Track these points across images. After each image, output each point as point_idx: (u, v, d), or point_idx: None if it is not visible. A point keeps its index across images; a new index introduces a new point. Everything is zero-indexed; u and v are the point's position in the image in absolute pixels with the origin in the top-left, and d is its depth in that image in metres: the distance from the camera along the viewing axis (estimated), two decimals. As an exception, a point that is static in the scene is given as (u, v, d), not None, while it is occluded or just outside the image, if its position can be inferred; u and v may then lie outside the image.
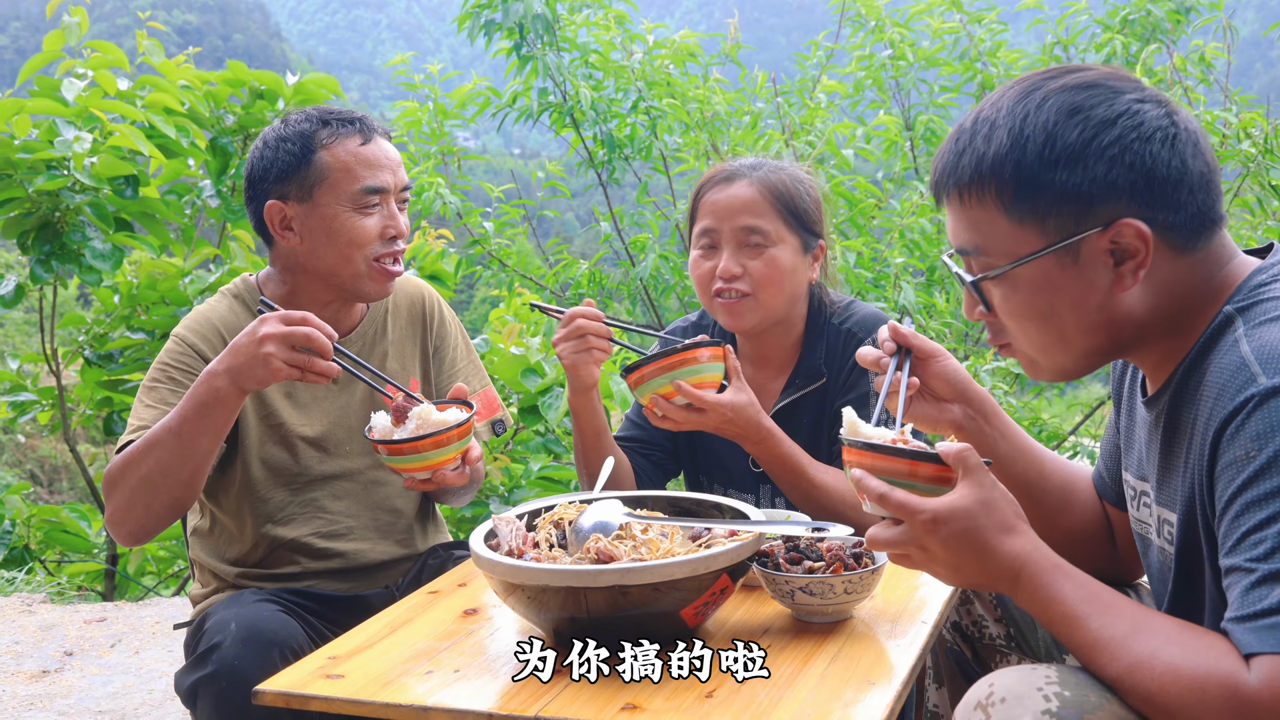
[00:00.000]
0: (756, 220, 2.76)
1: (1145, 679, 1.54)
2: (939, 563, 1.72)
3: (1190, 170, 1.70)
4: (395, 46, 31.83)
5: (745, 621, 2.11)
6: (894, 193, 7.02)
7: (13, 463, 15.25)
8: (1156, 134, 1.69)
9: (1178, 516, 1.77)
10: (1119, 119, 1.68)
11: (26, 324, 16.26)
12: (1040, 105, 1.71)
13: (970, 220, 1.78)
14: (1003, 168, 1.72)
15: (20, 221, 5.37)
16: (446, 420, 2.43)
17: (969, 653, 2.32)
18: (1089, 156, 1.68)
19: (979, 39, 7.16)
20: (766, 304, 2.77)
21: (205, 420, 2.42)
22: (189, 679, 2.33)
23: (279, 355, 2.34)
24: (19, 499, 6.27)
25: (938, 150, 1.84)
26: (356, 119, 2.75)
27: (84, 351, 5.93)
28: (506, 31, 6.57)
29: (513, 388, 5.48)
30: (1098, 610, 1.63)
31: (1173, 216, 1.69)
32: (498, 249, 6.79)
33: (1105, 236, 1.69)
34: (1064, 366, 1.84)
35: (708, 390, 2.51)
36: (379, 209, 2.72)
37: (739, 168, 2.83)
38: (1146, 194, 1.68)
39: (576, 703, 1.78)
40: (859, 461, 1.79)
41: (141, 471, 2.46)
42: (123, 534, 2.55)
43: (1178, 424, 1.77)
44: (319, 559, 2.76)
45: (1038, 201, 1.70)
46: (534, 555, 2.06)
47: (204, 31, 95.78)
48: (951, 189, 1.79)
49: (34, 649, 5.05)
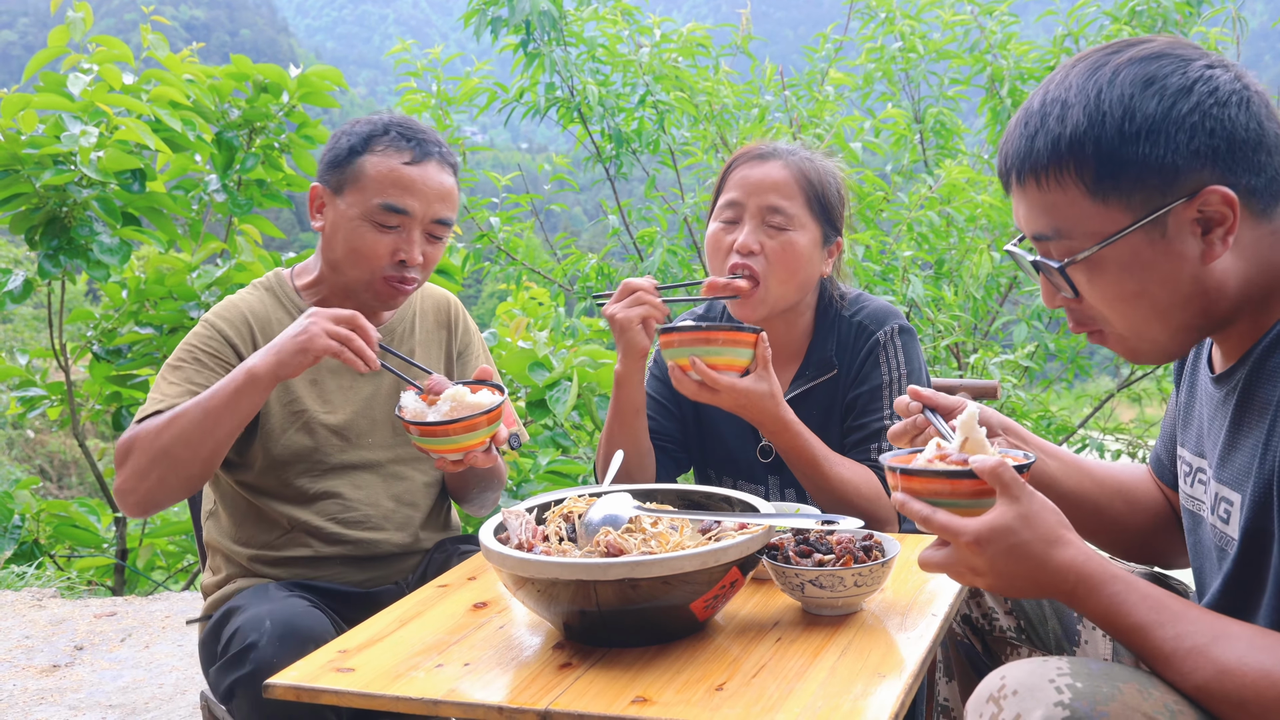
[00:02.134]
0: (782, 201, 2.75)
1: (1237, 685, 1.54)
2: (992, 580, 1.73)
3: (1266, 131, 1.68)
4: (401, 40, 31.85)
5: (755, 614, 2.11)
6: (902, 186, 7.01)
7: (22, 458, 15.30)
8: (1232, 98, 1.66)
9: (1245, 497, 1.75)
10: (1194, 86, 1.66)
11: (35, 319, 16.30)
12: (1113, 80, 1.68)
13: (1049, 204, 1.74)
14: (1083, 146, 1.68)
15: (28, 217, 5.38)
16: (481, 403, 2.46)
17: (979, 645, 2.32)
18: (1170, 126, 1.65)
19: (990, 31, 7.15)
20: (775, 289, 2.75)
21: (233, 400, 2.47)
22: (226, 678, 2.33)
23: (321, 325, 2.43)
24: (28, 494, 6.28)
25: (1005, 135, 1.80)
26: (417, 137, 2.72)
27: (92, 346, 5.95)
28: (513, 28, 6.56)
29: (521, 382, 5.48)
30: (1169, 619, 1.63)
31: (1254, 180, 1.67)
32: (505, 242, 6.79)
33: (1192, 206, 1.66)
34: (1163, 345, 1.80)
35: (726, 372, 2.51)
36: (396, 231, 2.69)
37: (775, 148, 2.83)
38: (1229, 159, 1.65)
39: (587, 696, 1.77)
40: (901, 485, 1.80)
41: (162, 442, 2.49)
42: (130, 503, 2.56)
43: (1251, 403, 1.74)
44: (332, 544, 2.76)
45: (1121, 177, 1.67)
46: (544, 549, 2.06)
47: (211, 27, 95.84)
48: (1027, 173, 1.75)
49: (44, 643, 5.06)
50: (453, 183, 2.77)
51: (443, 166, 2.75)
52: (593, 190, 7.44)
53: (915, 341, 2.84)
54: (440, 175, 2.73)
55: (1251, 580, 1.77)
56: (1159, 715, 1.55)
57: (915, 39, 7.21)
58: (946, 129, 7.19)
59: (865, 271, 6.03)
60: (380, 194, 2.67)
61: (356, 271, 2.72)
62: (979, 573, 1.73)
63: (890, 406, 2.75)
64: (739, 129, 6.72)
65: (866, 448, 2.76)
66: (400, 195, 2.68)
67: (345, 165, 2.72)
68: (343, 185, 2.71)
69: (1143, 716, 1.54)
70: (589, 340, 6.28)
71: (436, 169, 2.73)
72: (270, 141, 5.95)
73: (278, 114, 5.90)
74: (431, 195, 2.71)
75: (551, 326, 6.55)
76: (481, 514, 3.05)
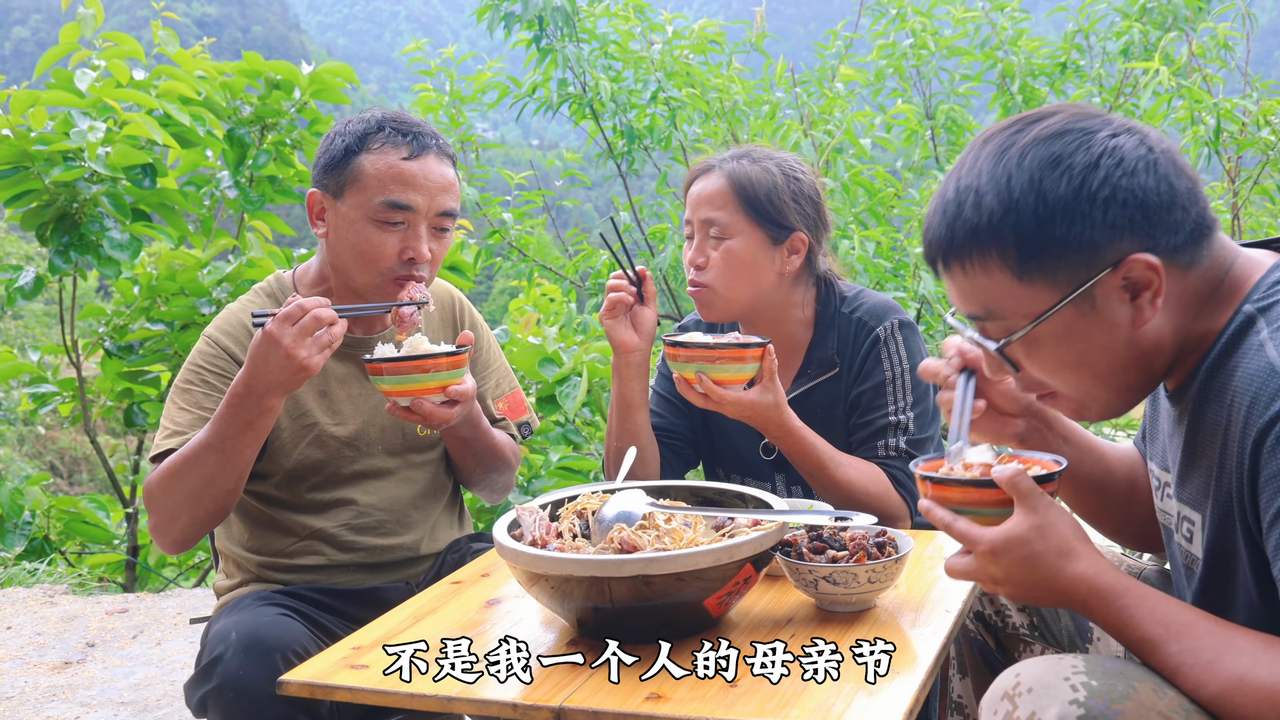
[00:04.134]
0: (715, 212, 2.82)
1: (1242, 702, 1.55)
2: (1010, 588, 1.75)
3: (1177, 189, 1.69)
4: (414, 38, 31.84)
5: (768, 611, 2.11)
6: (913, 182, 7.00)
7: (33, 454, 15.33)
8: (1139, 165, 1.67)
9: (1205, 518, 1.77)
10: (1100, 160, 1.67)
11: (46, 316, 16.35)
12: (1020, 163, 1.69)
13: (976, 287, 1.76)
14: (999, 232, 1.69)
15: (38, 213, 5.39)
16: (433, 349, 2.49)
17: (992, 642, 2.32)
18: (1083, 204, 1.66)
19: (1001, 27, 7.13)
20: (724, 294, 2.83)
21: (249, 434, 2.45)
22: (197, 692, 2.33)
23: (311, 354, 2.38)
24: (39, 490, 6.29)
25: (925, 222, 1.81)
26: (413, 131, 2.68)
27: (104, 343, 5.95)
28: (526, 23, 6.56)
29: (531, 377, 5.48)
30: (1174, 634, 1.64)
31: (1173, 239, 1.69)
32: (517, 238, 6.78)
33: (1117, 275, 1.68)
34: (1110, 406, 1.83)
35: (731, 386, 2.55)
36: (402, 228, 2.65)
37: (717, 160, 2.89)
38: (1145, 225, 1.67)
39: (601, 693, 1.77)
40: (926, 492, 1.82)
41: (185, 486, 2.48)
42: (167, 543, 2.57)
43: (1201, 424, 1.76)
44: (345, 551, 2.75)
45: (1043, 258, 1.69)
46: (557, 545, 2.05)
47: (223, 24, 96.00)
48: (952, 259, 1.76)
49: (56, 640, 5.07)
50: (453, 174, 2.73)
51: (441, 158, 2.70)
52: (604, 187, 7.44)
53: (917, 335, 2.85)
54: (440, 167, 2.69)
55: (1220, 598, 1.79)
56: (1174, 714, 1.55)
57: (927, 35, 7.19)
58: (958, 125, 7.16)
59: (876, 268, 6.02)
60: (382, 191, 2.62)
61: (365, 275, 2.67)
62: (998, 581, 1.75)
63: (895, 402, 2.78)
64: (750, 125, 6.71)
65: (873, 444, 2.78)
66: (403, 191, 2.63)
67: (343, 167, 2.66)
68: (342, 188, 2.66)
69: (1158, 715, 1.55)
70: (600, 337, 6.28)
71: (436, 161, 2.68)
72: (282, 138, 5.95)
73: (290, 110, 5.90)
74: (434, 188, 2.66)
75: (563, 323, 6.55)
76: (494, 500, 3.04)
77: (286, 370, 2.37)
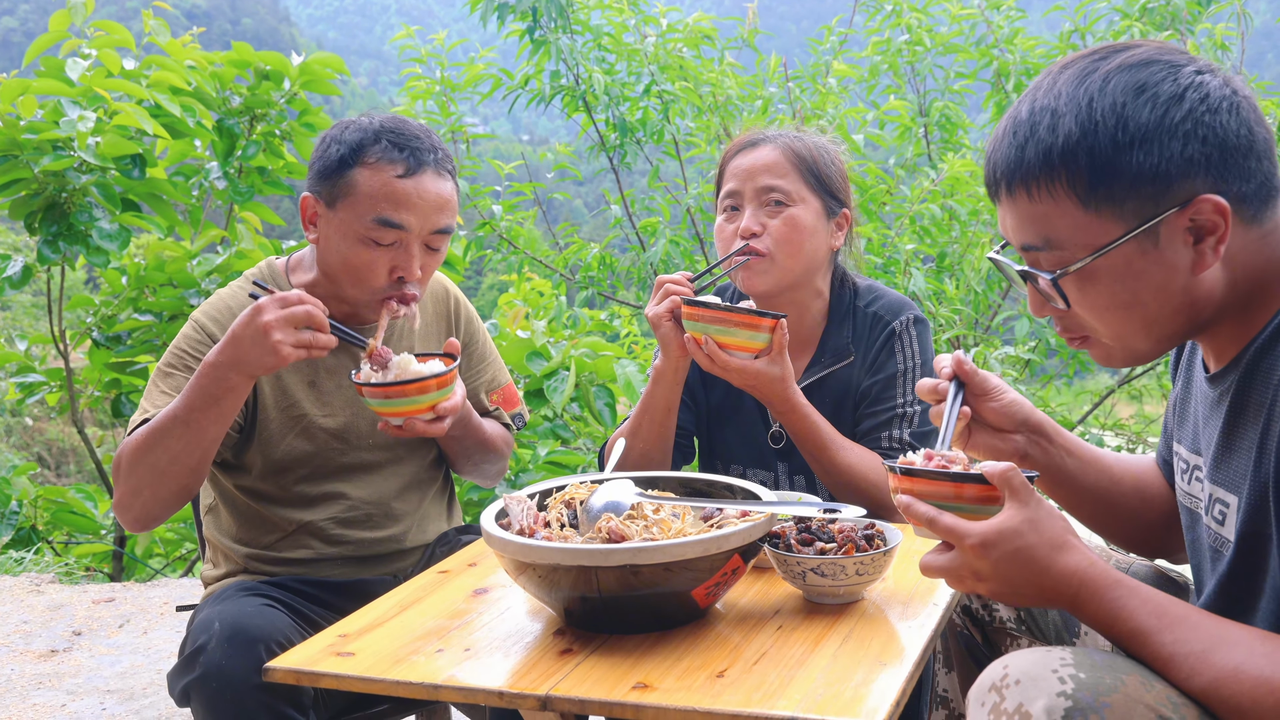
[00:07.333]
0: (777, 180, 2.79)
1: (1234, 693, 1.55)
2: (995, 585, 1.72)
3: (1256, 136, 1.67)
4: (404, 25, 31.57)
5: (756, 602, 2.10)
6: (905, 179, 7.00)
7: (20, 445, 15.29)
8: (1223, 104, 1.65)
9: (1241, 500, 1.75)
10: (1186, 93, 1.64)
11: (34, 306, 16.29)
12: (1104, 87, 1.65)
13: (1039, 214, 1.72)
14: (1075, 156, 1.65)
15: (27, 202, 5.37)
16: (422, 371, 2.49)
17: (979, 636, 2.31)
18: (1164, 134, 1.63)
19: (997, 26, 7.13)
20: (783, 263, 2.78)
21: (215, 410, 2.42)
22: (179, 682, 2.33)
23: (287, 341, 2.36)
24: (26, 480, 6.27)
25: (991, 146, 1.77)
26: (410, 146, 2.59)
27: (92, 333, 5.94)
28: (520, 14, 6.55)
29: (519, 371, 5.47)
30: (1168, 624, 1.63)
31: (1244, 186, 1.66)
32: (507, 230, 6.77)
33: (1185, 215, 1.65)
34: (1140, 352, 1.80)
35: (739, 353, 2.54)
36: (394, 247, 2.58)
37: (765, 134, 2.87)
38: (1220, 166, 1.64)
39: (587, 681, 1.77)
40: (906, 487, 1.80)
41: (150, 460, 2.46)
42: (129, 519, 2.55)
43: (1246, 406, 1.74)
44: (334, 544, 2.74)
45: (1115, 187, 1.65)
46: (545, 534, 2.05)
47: (213, 15, 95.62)
48: (1017, 184, 1.72)
49: (43, 628, 5.06)
50: (451, 189, 2.65)
51: (439, 174, 2.62)
52: (594, 182, 7.43)
53: (929, 333, 2.86)
54: (437, 184, 2.61)
55: (1247, 582, 1.77)
56: (1162, 707, 1.55)
57: (922, 32, 7.19)
58: (951, 123, 7.17)
59: (867, 264, 6.02)
60: (374, 209, 2.55)
61: (354, 290, 2.64)
62: (982, 577, 1.72)
63: (904, 395, 2.78)
64: (742, 120, 6.71)
65: (878, 435, 2.78)
66: (395, 210, 2.55)
67: (336, 177, 2.59)
68: (335, 198, 2.60)
69: (1145, 708, 1.54)
70: (590, 332, 6.28)
71: (433, 178, 2.60)
72: (272, 129, 5.93)
73: (279, 101, 5.89)
74: (428, 208, 2.59)
75: (552, 316, 6.54)
76: (488, 484, 3.05)
77: (258, 347, 2.35)
